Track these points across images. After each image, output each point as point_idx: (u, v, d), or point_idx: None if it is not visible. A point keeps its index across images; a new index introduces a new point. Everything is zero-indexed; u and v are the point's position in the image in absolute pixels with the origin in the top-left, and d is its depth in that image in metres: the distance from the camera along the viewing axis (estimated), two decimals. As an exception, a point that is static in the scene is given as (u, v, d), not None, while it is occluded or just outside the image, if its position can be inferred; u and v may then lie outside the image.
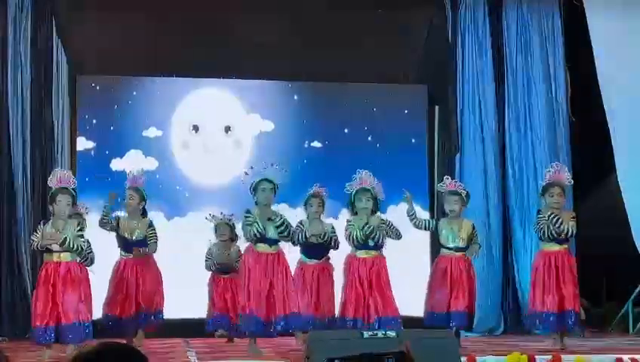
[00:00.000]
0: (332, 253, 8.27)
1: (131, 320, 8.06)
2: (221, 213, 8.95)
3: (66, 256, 7.47)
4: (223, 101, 10.02)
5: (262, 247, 7.52)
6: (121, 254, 8.21)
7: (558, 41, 10.14)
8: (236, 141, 10.00)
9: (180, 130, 9.90)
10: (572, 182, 8.41)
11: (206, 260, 8.79)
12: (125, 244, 8.19)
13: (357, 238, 7.81)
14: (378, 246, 7.89)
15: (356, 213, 7.91)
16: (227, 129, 9.88)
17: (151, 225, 8.26)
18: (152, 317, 8.16)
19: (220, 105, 10.00)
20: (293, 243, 7.95)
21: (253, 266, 7.48)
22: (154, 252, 8.23)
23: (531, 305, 8.07)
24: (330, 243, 8.19)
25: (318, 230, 8.15)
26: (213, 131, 9.98)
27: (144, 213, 8.34)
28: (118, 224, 8.18)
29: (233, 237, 8.77)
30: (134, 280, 8.09)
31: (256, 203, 7.58)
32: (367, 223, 7.79)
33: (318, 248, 8.19)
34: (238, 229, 8.38)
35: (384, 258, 7.92)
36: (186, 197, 9.82)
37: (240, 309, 7.59)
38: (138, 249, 8.18)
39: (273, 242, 7.56)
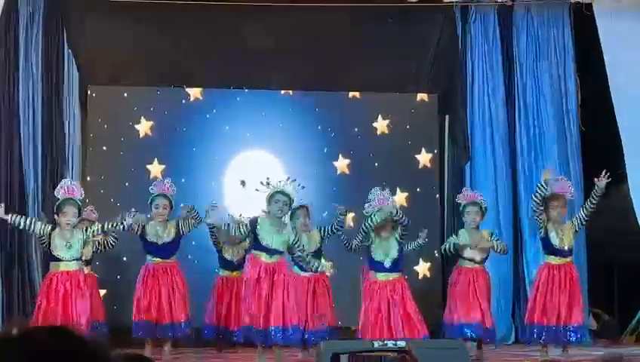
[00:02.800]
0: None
1: (164, 326, 8.03)
2: (240, 215, 8.99)
3: (73, 265, 7.54)
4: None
5: (263, 256, 7.47)
6: (148, 259, 8.21)
7: (568, 49, 10.12)
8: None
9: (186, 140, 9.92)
10: (574, 195, 8.40)
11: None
12: (152, 248, 8.18)
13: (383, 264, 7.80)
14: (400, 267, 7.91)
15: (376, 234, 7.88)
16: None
17: (178, 222, 8.25)
18: (182, 326, 8.12)
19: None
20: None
21: (251, 276, 7.43)
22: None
23: (529, 317, 8.06)
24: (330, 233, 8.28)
25: (307, 241, 8.16)
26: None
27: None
28: (144, 229, 8.16)
29: (242, 239, 8.82)
30: (166, 286, 8.07)
31: (268, 213, 7.55)
32: (390, 246, 7.80)
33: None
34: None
35: (404, 277, 7.94)
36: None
37: (242, 319, 7.52)
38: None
39: (274, 253, 7.48)
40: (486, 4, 10.12)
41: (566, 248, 8.09)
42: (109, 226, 7.77)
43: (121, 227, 7.79)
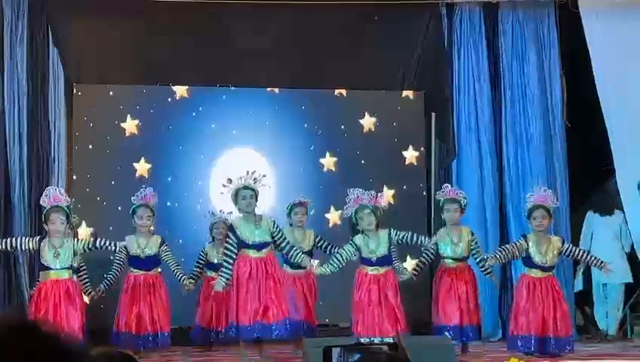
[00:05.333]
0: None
1: (148, 337, 8.02)
2: (220, 211, 8.97)
3: (63, 274, 7.54)
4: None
5: (251, 252, 7.50)
6: (131, 270, 8.19)
7: (554, 47, 10.13)
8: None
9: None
10: (558, 204, 8.38)
11: (197, 261, 8.74)
12: (136, 261, 8.16)
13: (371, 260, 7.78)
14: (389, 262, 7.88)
15: (362, 232, 7.84)
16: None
17: (163, 242, 8.23)
18: (159, 337, 8.09)
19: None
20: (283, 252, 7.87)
21: (241, 272, 7.44)
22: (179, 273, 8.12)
23: (515, 329, 8.02)
24: (322, 245, 8.33)
25: (302, 239, 8.25)
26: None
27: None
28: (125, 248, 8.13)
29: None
30: (149, 297, 8.06)
31: (239, 210, 7.60)
32: (378, 243, 7.77)
33: None
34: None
35: (393, 272, 7.91)
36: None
37: (229, 316, 7.52)
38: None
39: (261, 246, 7.51)
40: (472, 1, 10.13)
41: (547, 265, 8.03)
42: (101, 243, 7.76)
43: (113, 248, 7.80)
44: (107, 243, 7.78)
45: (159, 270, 8.26)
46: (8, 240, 7.80)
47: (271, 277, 7.47)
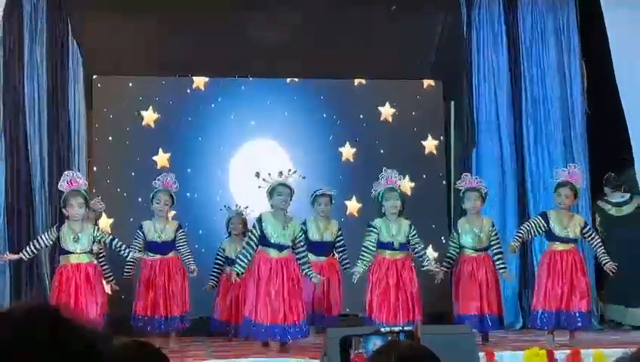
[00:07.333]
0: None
1: (162, 320, 8.07)
2: (236, 205, 8.98)
3: (83, 258, 7.57)
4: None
5: (272, 252, 7.51)
6: (148, 255, 8.21)
7: (573, 33, 10.09)
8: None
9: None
10: (584, 184, 8.31)
11: (216, 258, 8.77)
12: (153, 246, 8.19)
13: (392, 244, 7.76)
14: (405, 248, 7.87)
15: (384, 214, 7.84)
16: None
17: (180, 227, 8.26)
18: (180, 321, 8.14)
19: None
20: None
21: (262, 272, 7.46)
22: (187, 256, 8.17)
23: (535, 304, 8.03)
24: (338, 243, 8.36)
25: (325, 228, 8.28)
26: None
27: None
28: (141, 230, 8.16)
29: (245, 232, 8.76)
30: (165, 281, 8.09)
31: (271, 206, 7.58)
32: (399, 228, 7.75)
33: (324, 245, 8.16)
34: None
35: (411, 258, 7.89)
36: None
37: (245, 312, 7.55)
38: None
39: (282, 248, 7.52)
40: (490, -12, 10.09)
41: (571, 237, 8.02)
42: (117, 244, 7.78)
43: (125, 253, 7.82)
44: (121, 248, 7.78)
45: (175, 253, 8.28)
46: (30, 246, 7.79)
47: (290, 278, 7.47)
